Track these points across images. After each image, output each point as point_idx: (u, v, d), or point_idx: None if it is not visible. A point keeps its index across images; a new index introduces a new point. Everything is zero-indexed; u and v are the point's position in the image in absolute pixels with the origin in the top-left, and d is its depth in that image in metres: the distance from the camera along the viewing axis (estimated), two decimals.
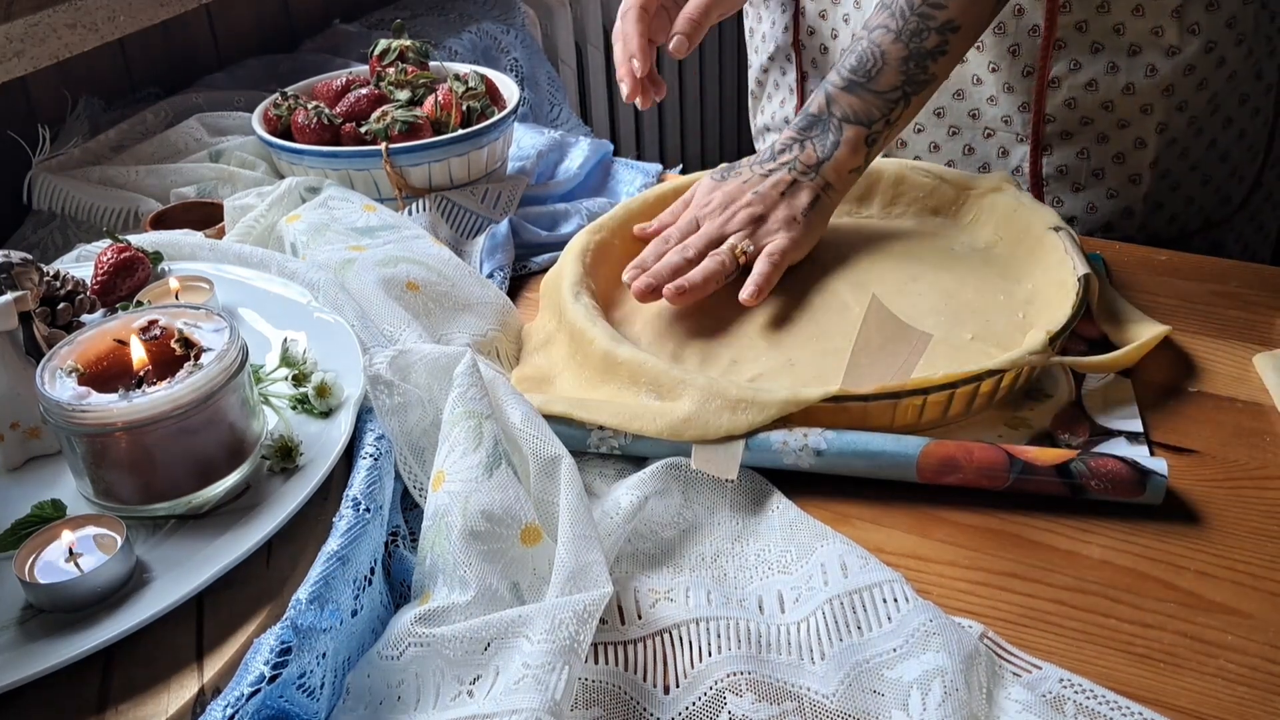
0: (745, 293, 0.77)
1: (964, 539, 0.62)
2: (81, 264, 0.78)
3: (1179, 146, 0.94)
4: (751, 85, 1.20)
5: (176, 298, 0.70)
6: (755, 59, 1.17)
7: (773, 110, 1.17)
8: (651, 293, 0.77)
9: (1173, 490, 0.63)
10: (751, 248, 0.80)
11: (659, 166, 1.04)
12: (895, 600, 0.56)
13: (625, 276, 0.79)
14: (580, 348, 0.73)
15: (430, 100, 0.95)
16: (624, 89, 0.91)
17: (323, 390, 0.62)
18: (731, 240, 0.80)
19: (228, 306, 0.71)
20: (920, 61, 0.80)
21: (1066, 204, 0.97)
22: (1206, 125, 0.94)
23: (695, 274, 0.78)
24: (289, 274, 0.74)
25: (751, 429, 0.65)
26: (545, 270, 0.86)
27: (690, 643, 0.55)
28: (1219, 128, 0.95)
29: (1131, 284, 0.83)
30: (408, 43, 1.02)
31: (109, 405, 0.53)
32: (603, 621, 0.55)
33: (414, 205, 0.91)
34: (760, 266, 0.79)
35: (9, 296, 0.60)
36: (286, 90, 0.98)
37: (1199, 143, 0.94)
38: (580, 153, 1.05)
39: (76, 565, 0.51)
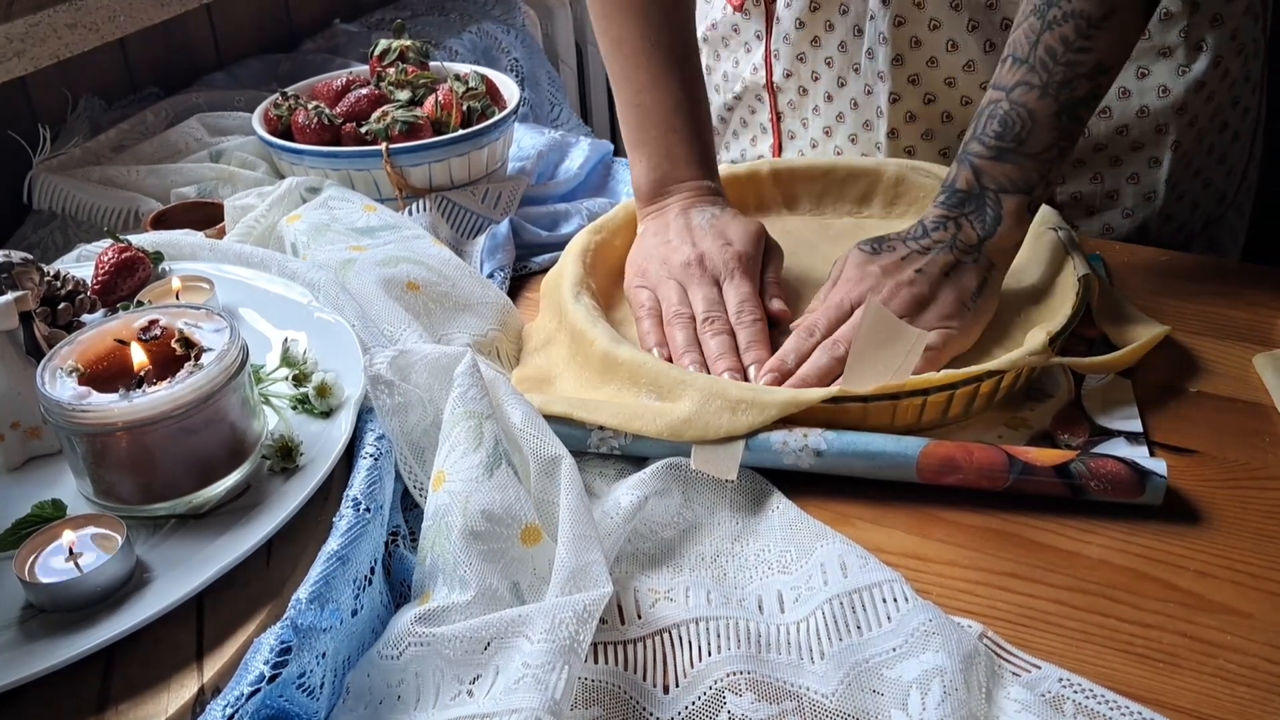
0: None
1: (964, 539, 0.62)
2: (82, 264, 0.78)
3: (1187, 158, 0.94)
4: (714, 121, 1.16)
5: (177, 298, 0.70)
6: (717, 98, 1.14)
7: (741, 148, 1.14)
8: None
9: (1173, 490, 0.63)
10: None
11: None
12: (895, 600, 0.56)
13: (762, 382, 0.69)
14: (580, 348, 0.73)
15: (430, 100, 0.95)
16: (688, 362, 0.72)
17: (323, 390, 0.62)
18: None
19: (228, 306, 0.71)
20: (1073, 112, 0.72)
21: (1082, 228, 0.96)
22: (1207, 133, 0.94)
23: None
24: (289, 274, 0.74)
25: (752, 430, 0.65)
26: (545, 270, 0.86)
27: (690, 642, 0.55)
28: (1217, 133, 0.95)
29: (1131, 284, 0.83)
30: (408, 43, 1.02)
31: (109, 405, 0.53)
32: (602, 621, 0.55)
33: (414, 205, 0.91)
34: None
35: (9, 296, 0.60)
36: (287, 90, 0.98)
37: (1200, 150, 0.95)
38: (580, 153, 1.05)
39: (76, 565, 0.51)
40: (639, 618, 0.56)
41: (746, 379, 0.70)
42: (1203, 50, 0.90)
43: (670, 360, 0.73)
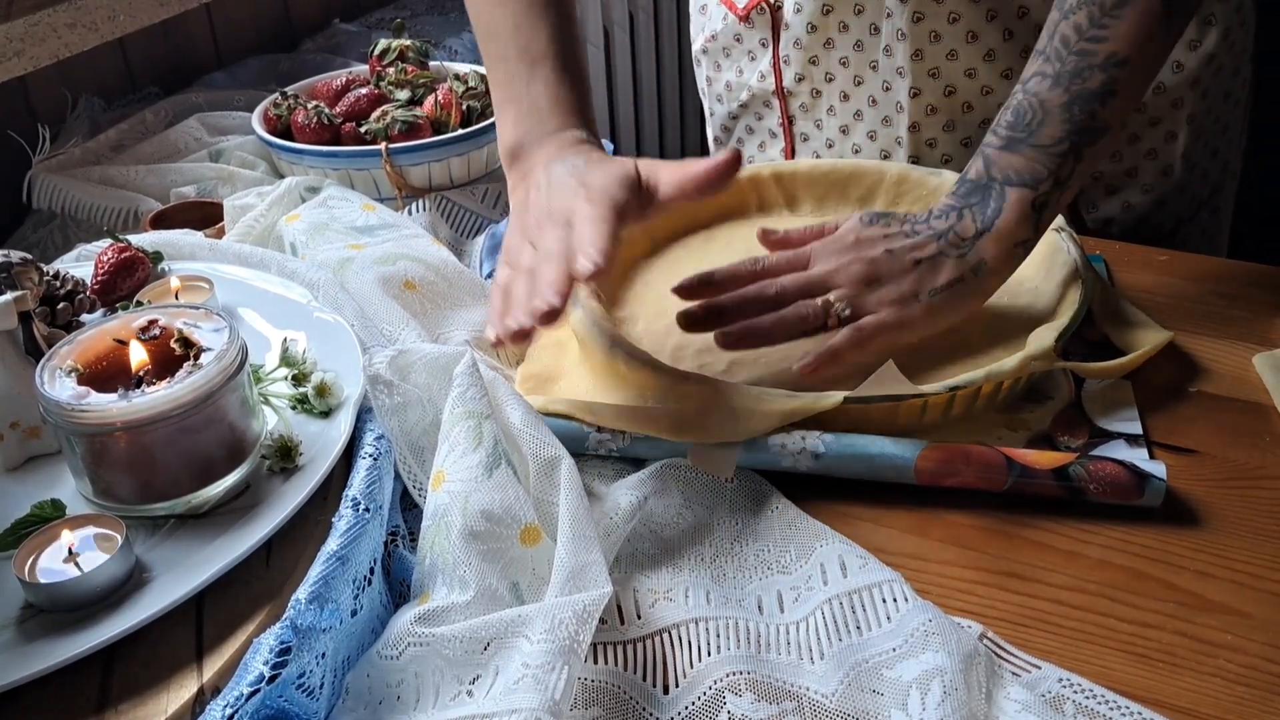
0: (800, 363, 0.69)
1: (964, 539, 0.62)
2: (81, 264, 0.78)
3: (1199, 130, 0.95)
4: (715, 132, 1.15)
5: (176, 297, 0.70)
6: (720, 107, 1.12)
7: (750, 154, 1.12)
8: (724, 334, 0.70)
9: (1172, 490, 0.63)
10: (848, 312, 0.70)
11: None
12: (895, 600, 0.56)
13: (680, 320, 0.72)
14: (586, 354, 0.73)
15: (430, 100, 0.95)
16: (521, 322, 0.61)
17: (322, 390, 0.62)
18: (831, 296, 0.71)
19: (228, 306, 0.71)
20: (1085, 106, 0.69)
21: (1102, 208, 0.96)
22: (1215, 104, 0.95)
23: (764, 320, 0.70)
24: (289, 274, 0.74)
25: (751, 436, 0.65)
26: None
27: (689, 642, 0.54)
28: (1222, 102, 0.96)
29: (1131, 284, 0.83)
30: (408, 42, 1.02)
31: (108, 405, 0.53)
32: (602, 621, 0.55)
33: (414, 205, 0.91)
34: (839, 338, 0.69)
35: (9, 296, 0.60)
36: (286, 90, 0.98)
37: (1209, 121, 0.96)
38: None
39: (76, 565, 0.51)
40: (639, 618, 0.56)
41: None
42: (1213, 24, 0.91)
43: (498, 343, 0.64)
